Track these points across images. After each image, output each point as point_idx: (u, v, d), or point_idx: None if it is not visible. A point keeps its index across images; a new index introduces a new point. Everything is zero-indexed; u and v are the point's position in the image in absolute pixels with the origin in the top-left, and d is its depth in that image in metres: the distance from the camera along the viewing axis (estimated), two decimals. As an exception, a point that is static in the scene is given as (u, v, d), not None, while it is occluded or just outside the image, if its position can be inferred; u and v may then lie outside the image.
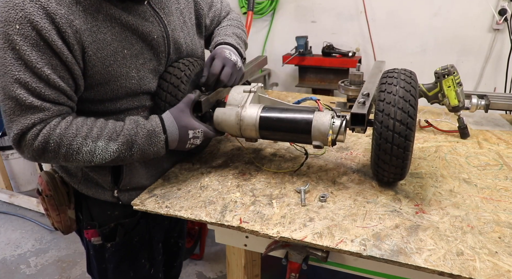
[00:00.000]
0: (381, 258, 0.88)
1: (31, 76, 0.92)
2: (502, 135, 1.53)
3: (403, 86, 1.02)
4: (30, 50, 0.90)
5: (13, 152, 3.31)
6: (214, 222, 1.03)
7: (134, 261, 1.28)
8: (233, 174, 1.25)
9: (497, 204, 1.08)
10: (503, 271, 0.84)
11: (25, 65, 0.91)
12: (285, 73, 3.75)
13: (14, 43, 0.89)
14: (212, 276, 2.50)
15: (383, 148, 1.02)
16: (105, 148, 1.01)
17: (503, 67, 2.97)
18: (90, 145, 0.99)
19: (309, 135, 1.12)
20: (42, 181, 1.21)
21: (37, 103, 0.94)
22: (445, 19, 3.06)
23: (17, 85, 0.91)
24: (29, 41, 0.90)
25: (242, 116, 1.18)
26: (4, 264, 2.65)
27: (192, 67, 1.21)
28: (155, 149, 1.08)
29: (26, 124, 0.94)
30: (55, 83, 0.95)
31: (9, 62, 0.90)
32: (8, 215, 3.18)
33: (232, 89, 1.26)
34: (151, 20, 1.11)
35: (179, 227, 1.57)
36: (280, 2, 3.52)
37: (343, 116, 1.12)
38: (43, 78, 0.93)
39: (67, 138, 0.97)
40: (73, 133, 0.98)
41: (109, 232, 1.21)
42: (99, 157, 1.01)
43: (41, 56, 0.92)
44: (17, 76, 0.91)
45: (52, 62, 0.94)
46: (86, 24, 0.98)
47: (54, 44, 0.92)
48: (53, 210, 1.20)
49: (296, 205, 1.08)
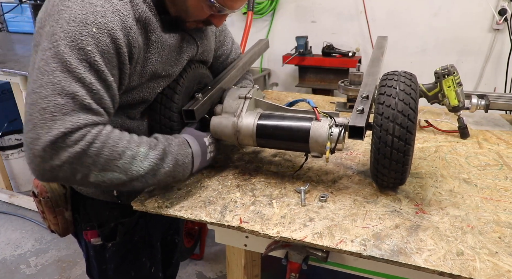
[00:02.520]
0: (381, 258, 0.88)
1: (96, 79, 0.90)
2: (502, 136, 1.53)
3: (403, 89, 1.01)
4: (100, 56, 0.89)
5: (13, 152, 3.31)
6: (214, 222, 1.03)
7: (135, 260, 1.28)
8: (233, 174, 1.25)
9: (497, 204, 1.07)
10: (503, 271, 0.84)
11: (90, 67, 0.88)
12: (285, 73, 3.75)
13: (85, 44, 0.87)
14: (212, 276, 2.50)
15: (383, 152, 1.00)
16: (146, 154, 0.96)
17: (503, 67, 2.97)
18: (133, 149, 0.94)
19: (307, 144, 1.11)
20: (38, 183, 1.19)
21: (95, 106, 0.90)
22: (445, 19, 3.06)
23: (80, 84, 0.87)
24: (101, 47, 0.89)
25: (239, 127, 1.16)
26: (4, 264, 2.65)
27: (185, 75, 1.20)
28: (186, 161, 1.04)
29: (77, 124, 0.86)
30: (113, 92, 0.95)
31: (75, 61, 0.87)
32: (8, 215, 3.18)
33: (227, 94, 1.24)
34: (191, 42, 1.19)
35: (175, 224, 1.57)
36: (280, 2, 3.52)
37: (341, 125, 1.09)
38: (107, 83, 0.92)
39: (113, 140, 0.91)
40: (117, 136, 0.93)
41: (109, 232, 1.21)
42: (138, 164, 0.94)
43: (107, 63, 0.91)
44: (82, 75, 0.87)
45: (113, 72, 0.94)
46: (143, 42, 1.02)
47: (123, 56, 0.94)
48: (50, 212, 1.19)
49: (296, 205, 1.08)
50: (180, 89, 1.17)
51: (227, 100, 1.23)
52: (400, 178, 1.06)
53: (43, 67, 0.86)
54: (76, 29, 0.87)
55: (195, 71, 1.24)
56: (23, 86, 2.57)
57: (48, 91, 0.85)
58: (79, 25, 0.87)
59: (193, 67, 1.23)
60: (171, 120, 1.16)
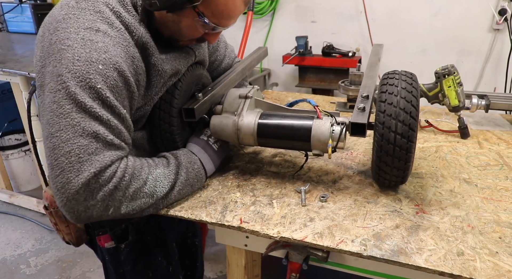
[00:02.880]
0: (381, 258, 0.88)
1: (111, 114, 0.91)
2: (502, 136, 1.53)
3: (405, 87, 1.01)
4: (110, 91, 0.90)
5: (13, 152, 3.30)
6: (214, 222, 1.03)
7: (150, 259, 1.27)
8: (233, 174, 1.25)
9: (498, 204, 1.07)
10: (503, 271, 0.84)
11: (103, 103, 0.89)
12: (285, 73, 3.75)
13: (94, 82, 0.87)
14: (212, 276, 2.50)
15: (385, 149, 1.00)
16: (164, 173, 1.01)
17: (503, 67, 2.97)
18: (154, 172, 0.99)
19: (308, 142, 1.11)
20: (48, 196, 1.18)
21: (117, 141, 0.92)
22: (445, 19, 3.06)
23: (98, 122, 0.88)
24: (110, 82, 0.90)
25: (240, 126, 1.16)
26: (4, 264, 2.64)
27: (183, 78, 1.19)
28: (195, 167, 1.11)
29: (106, 162, 0.88)
30: (128, 123, 0.96)
31: (87, 100, 0.87)
32: (8, 215, 3.18)
33: (228, 94, 1.24)
34: (190, 53, 1.18)
35: (192, 226, 1.58)
36: (280, 2, 3.52)
37: (342, 123, 1.10)
38: (121, 117, 0.93)
39: (137, 169, 0.95)
40: (139, 164, 0.97)
41: (121, 233, 1.21)
42: (160, 185, 1.00)
43: (117, 97, 0.92)
44: (98, 114, 0.88)
45: (124, 103, 0.95)
46: (146, 67, 1.03)
47: (132, 86, 0.96)
48: (62, 222, 1.18)
49: (296, 205, 1.08)
50: (179, 94, 1.15)
51: (227, 99, 1.22)
52: (402, 176, 1.06)
53: (57, 110, 0.87)
54: (83, 69, 0.87)
55: (193, 73, 1.23)
56: (23, 86, 2.57)
57: (69, 135, 0.86)
58: (85, 64, 0.87)
59: (191, 70, 1.22)
60: (171, 125, 1.15)
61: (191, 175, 1.09)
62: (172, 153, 1.11)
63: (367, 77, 1.29)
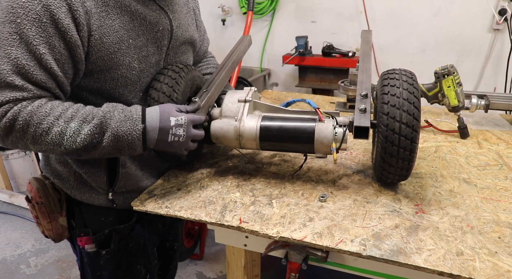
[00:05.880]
0: (381, 258, 0.88)
1: (23, 53, 0.88)
2: (502, 136, 1.53)
3: (406, 88, 1.02)
4: (30, 25, 0.87)
5: (13, 152, 3.31)
6: (214, 222, 1.03)
7: (130, 267, 1.25)
8: (233, 174, 1.25)
9: (497, 204, 1.08)
10: (502, 271, 0.84)
11: (20, 39, 0.87)
12: (285, 73, 3.75)
13: (16, 16, 0.86)
14: (212, 276, 2.50)
15: (389, 151, 1.01)
16: (77, 129, 0.93)
17: (503, 67, 2.97)
18: (61, 125, 0.92)
19: (312, 145, 1.10)
20: (32, 188, 1.16)
21: (18, 82, 0.88)
22: (445, 19, 3.06)
23: (6, 59, 0.87)
24: (32, 15, 0.87)
25: (241, 131, 1.14)
26: (4, 264, 2.65)
27: (183, 74, 1.17)
28: (129, 138, 0.97)
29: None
30: (47, 65, 0.91)
31: (5, 36, 0.86)
32: (8, 215, 3.18)
33: (226, 98, 1.21)
34: (157, 12, 1.12)
35: (174, 230, 1.56)
36: (280, 2, 3.52)
37: (344, 125, 1.09)
38: (36, 56, 0.89)
39: (38, 117, 0.90)
40: (45, 112, 0.91)
41: (104, 238, 1.18)
42: (70, 139, 0.93)
43: (41, 33, 0.89)
44: (8, 50, 0.87)
45: (51, 42, 0.90)
46: (97, 7, 0.97)
47: (60, 22, 0.90)
48: (44, 217, 1.16)
49: (296, 205, 1.08)
50: (177, 97, 1.14)
51: (226, 103, 1.19)
52: (405, 174, 1.08)
53: None
54: (9, 4, 0.87)
55: (189, 75, 1.21)
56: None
57: None
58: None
59: (187, 72, 1.20)
60: None
61: (121, 144, 0.97)
62: (109, 112, 0.97)
63: (362, 71, 1.26)
